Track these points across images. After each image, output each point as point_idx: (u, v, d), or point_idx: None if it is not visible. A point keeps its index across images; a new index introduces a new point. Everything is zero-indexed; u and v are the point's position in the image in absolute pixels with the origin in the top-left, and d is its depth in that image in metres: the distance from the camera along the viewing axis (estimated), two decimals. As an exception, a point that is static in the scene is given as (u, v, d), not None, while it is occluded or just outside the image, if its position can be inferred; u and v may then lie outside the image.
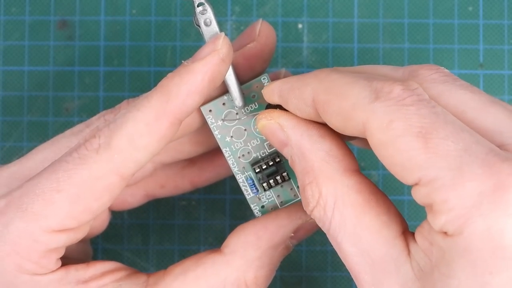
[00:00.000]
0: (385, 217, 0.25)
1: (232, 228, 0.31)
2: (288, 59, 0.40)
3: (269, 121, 0.28)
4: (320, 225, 0.26)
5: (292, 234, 0.30)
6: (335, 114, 0.25)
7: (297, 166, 0.27)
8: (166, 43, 0.40)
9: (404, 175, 0.23)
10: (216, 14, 0.28)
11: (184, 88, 0.27)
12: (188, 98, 0.27)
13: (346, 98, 0.24)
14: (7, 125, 0.40)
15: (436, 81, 0.25)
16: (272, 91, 0.28)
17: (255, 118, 0.29)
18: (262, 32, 0.30)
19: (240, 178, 0.30)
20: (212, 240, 0.39)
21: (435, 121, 0.23)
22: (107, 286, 0.29)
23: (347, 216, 0.25)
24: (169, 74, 0.28)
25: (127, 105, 0.30)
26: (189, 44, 0.40)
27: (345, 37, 0.40)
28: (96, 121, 0.31)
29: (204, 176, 0.35)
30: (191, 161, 0.35)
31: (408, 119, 0.23)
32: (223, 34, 0.28)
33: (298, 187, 0.30)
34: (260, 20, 0.30)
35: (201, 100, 0.28)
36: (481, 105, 0.25)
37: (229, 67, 0.28)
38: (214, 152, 0.34)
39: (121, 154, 0.27)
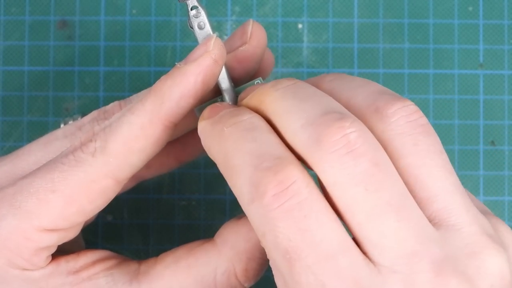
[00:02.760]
0: None
1: (232, 228, 0.31)
2: (288, 59, 0.40)
3: None
4: None
5: None
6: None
7: None
8: (166, 43, 0.40)
9: None
10: (210, 17, 0.28)
11: (177, 91, 0.27)
12: (182, 100, 0.27)
13: (235, 187, 0.24)
14: (7, 125, 0.40)
15: (334, 165, 0.22)
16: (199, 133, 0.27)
17: None
18: (254, 34, 0.30)
19: None
20: (212, 240, 0.39)
21: (299, 244, 0.22)
22: (98, 275, 0.29)
23: None
24: (162, 77, 0.27)
25: (119, 108, 0.31)
26: (189, 44, 0.40)
27: (345, 37, 0.40)
28: (88, 123, 0.31)
29: (188, 150, 0.34)
30: None
31: (276, 237, 0.22)
32: (214, 35, 0.28)
33: None
34: (251, 20, 0.30)
35: (195, 102, 0.28)
36: (370, 211, 0.22)
37: (222, 68, 0.28)
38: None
39: (117, 158, 0.27)
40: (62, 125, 0.32)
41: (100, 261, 0.29)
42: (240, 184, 0.23)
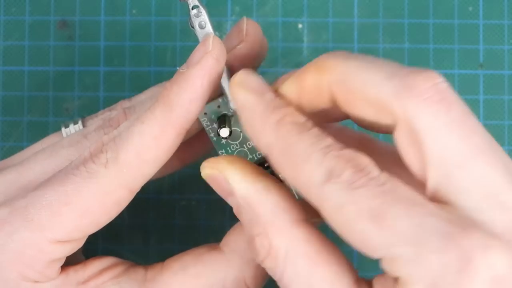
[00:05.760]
0: (337, 267, 0.24)
1: (232, 228, 0.31)
2: (288, 59, 0.40)
3: (213, 171, 0.27)
4: (271, 274, 0.26)
5: None
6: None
7: (243, 216, 0.26)
8: (166, 43, 0.40)
9: (367, 253, 0.23)
10: (210, 17, 0.28)
11: (185, 96, 0.27)
12: (191, 105, 0.27)
13: (301, 172, 0.24)
14: (7, 125, 0.40)
15: (427, 112, 0.23)
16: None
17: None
18: (250, 31, 0.29)
19: None
20: (212, 240, 0.39)
21: (385, 201, 0.22)
22: (106, 283, 0.29)
23: (300, 267, 0.25)
24: (167, 84, 0.27)
25: (124, 116, 0.30)
26: (189, 44, 0.40)
27: (345, 37, 0.40)
28: (94, 132, 0.30)
29: (191, 151, 0.34)
30: None
31: (358, 203, 0.22)
32: (212, 34, 0.28)
33: (293, 190, 0.30)
34: (245, 18, 0.30)
35: (203, 105, 0.27)
36: (461, 158, 0.23)
37: (224, 66, 0.28)
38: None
39: (130, 168, 0.27)
40: (62, 128, 0.32)
41: (107, 269, 0.29)
42: (308, 169, 0.23)
